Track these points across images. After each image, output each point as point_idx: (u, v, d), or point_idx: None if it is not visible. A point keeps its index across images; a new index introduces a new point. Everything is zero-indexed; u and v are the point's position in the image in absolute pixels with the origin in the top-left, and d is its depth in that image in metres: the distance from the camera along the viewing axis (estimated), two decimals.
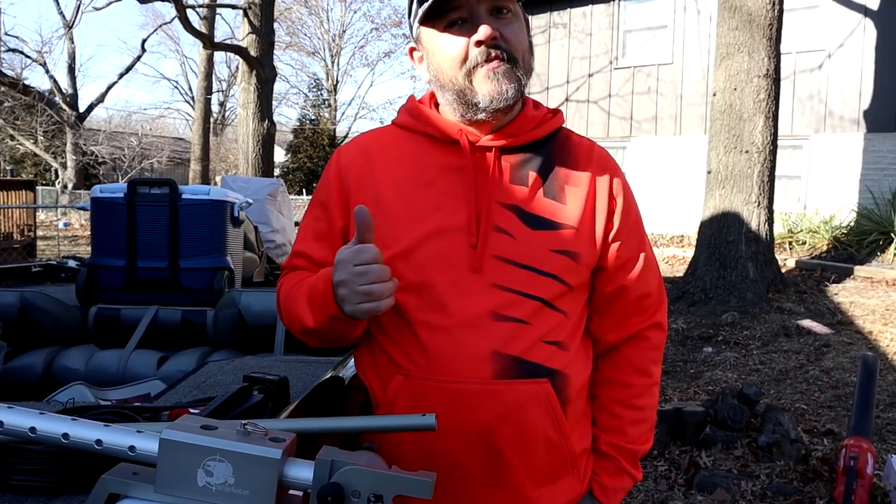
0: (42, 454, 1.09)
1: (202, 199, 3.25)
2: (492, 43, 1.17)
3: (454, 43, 1.20)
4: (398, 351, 1.21)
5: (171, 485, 0.69)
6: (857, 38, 10.17)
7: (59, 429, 0.71)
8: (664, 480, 3.54)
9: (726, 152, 7.39)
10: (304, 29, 36.55)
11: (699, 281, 7.46)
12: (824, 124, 10.54)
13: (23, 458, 1.08)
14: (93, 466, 1.10)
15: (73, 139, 24.80)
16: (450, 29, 1.20)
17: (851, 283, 7.92)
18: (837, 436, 3.96)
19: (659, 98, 12.14)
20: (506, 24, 1.19)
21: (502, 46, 1.18)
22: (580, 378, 1.27)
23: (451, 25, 1.19)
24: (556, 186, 1.25)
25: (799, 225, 10.03)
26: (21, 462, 1.07)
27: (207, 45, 16.84)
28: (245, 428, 0.71)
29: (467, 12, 1.18)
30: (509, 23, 1.20)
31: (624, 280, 1.30)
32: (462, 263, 1.18)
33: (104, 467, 1.09)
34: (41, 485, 1.08)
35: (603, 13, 12.71)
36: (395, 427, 0.95)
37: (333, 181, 1.31)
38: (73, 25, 26.41)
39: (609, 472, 1.32)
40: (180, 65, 58.49)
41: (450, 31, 1.20)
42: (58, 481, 1.08)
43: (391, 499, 0.68)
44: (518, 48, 1.20)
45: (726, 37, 7.36)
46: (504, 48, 1.18)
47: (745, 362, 5.65)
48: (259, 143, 13.53)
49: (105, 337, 3.11)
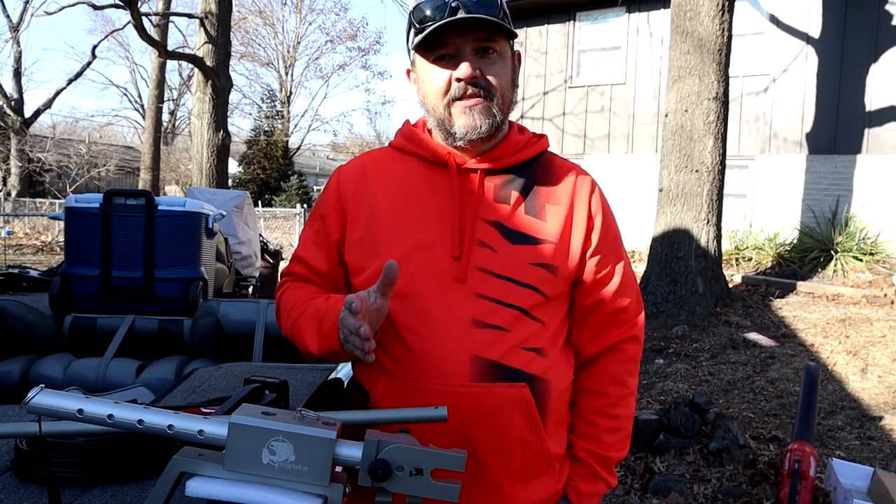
0: (75, 447, 1.17)
1: (178, 210, 3.29)
2: (471, 81, 1.28)
3: (439, 75, 1.31)
4: (385, 354, 1.30)
5: (238, 463, 0.79)
6: (799, 63, 10.59)
7: (135, 416, 0.81)
8: (621, 485, 3.66)
9: (677, 171, 7.59)
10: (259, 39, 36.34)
11: (651, 295, 7.63)
12: (769, 145, 10.92)
13: (57, 451, 1.16)
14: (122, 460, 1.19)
15: (17, 145, 24.13)
16: (438, 61, 1.30)
17: (794, 298, 8.18)
18: (782, 441, 4.14)
19: (612, 117, 12.44)
20: (489, 63, 1.30)
21: (481, 84, 1.29)
22: (560, 383, 1.35)
23: (440, 59, 1.30)
24: (537, 205, 1.35)
25: (745, 242, 10.28)
26: (56, 455, 1.15)
27: (162, 53, 16.61)
28: (301, 413, 0.82)
29: (454, 49, 1.29)
30: (493, 62, 1.30)
31: (601, 294, 1.40)
32: (446, 274, 1.28)
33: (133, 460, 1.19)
34: (75, 477, 1.15)
35: (559, 32, 12.99)
36: (409, 419, 1.06)
37: (332, 196, 1.41)
38: (19, 28, 25.78)
39: (584, 478, 1.40)
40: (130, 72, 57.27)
41: (438, 63, 1.30)
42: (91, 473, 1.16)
43: (430, 472, 0.80)
44: (497, 86, 1.31)
45: (678, 60, 7.60)
46: (482, 86, 1.29)
47: (696, 373, 5.82)
48: (214, 153, 13.40)
49: (81, 345, 3.12)
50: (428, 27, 1.27)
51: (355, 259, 1.36)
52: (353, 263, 1.36)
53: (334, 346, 1.22)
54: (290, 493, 0.78)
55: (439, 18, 1.25)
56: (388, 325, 1.28)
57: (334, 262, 1.40)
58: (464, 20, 1.25)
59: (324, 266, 1.41)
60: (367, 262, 1.33)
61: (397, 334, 1.29)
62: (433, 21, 1.26)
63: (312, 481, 0.79)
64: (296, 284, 1.45)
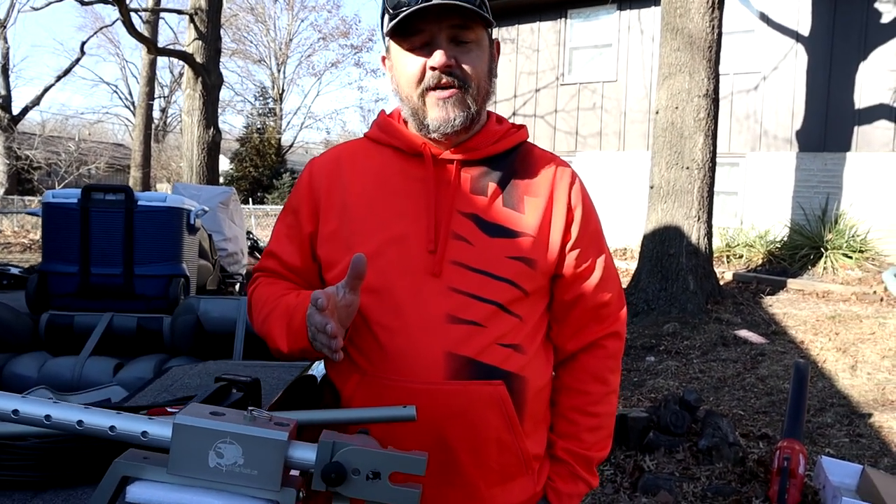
0: (28, 450, 1.12)
1: (158, 206, 3.23)
2: (445, 70, 1.23)
3: (413, 63, 1.25)
4: (357, 351, 1.26)
5: (183, 466, 0.74)
6: (789, 61, 10.59)
7: (74, 416, 0.76)
8: (610, 484, 3.64)
9: (668, 168, 7.58)
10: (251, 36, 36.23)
11: (642, 292, 7.62)
12: (760, 143, 10.92)
13: (8, 454, 1.10)
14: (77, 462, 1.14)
15: (5, 143, 23.96)
16: (413, 49, 1.25)
17: (785, 295, 8.19)
18: (772, 439, 4.12)
19: (603, 114, 12.42)
20: (465, 52, 1.25)
21: (456, 74, 1.24)
22: (538, 381, 1.31)
23: (414, 46, 1.25)
24: (515, 197, 1.30)
25: (736, 239, 10.30)
26: (7, 458, 1.10)
27: (152, 49, 16.53)
28: (251, 414, 0.77)
29: (429, 36, 1.23)
30: (469, 51, 1.25)
31: (581, 289, 1.35)
32: (421, 268, 1.24)
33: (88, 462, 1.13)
34: (27, 480, 1.10)
35: (550, 30, 12.96)
36: (377, 419, 1.01)
37: (304, 189, 1.37)
38: (6, 25, 25.58)
39: (564, 478, 1.36)
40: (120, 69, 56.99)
41: (413, 51, 1.25)
42: (43, 476, 1.11)
43: (388, 475, 0.75)
44: (473, 76, 1.25)
45: (668, 57, 7.58)
46: (457, 75, 1.24)
47: (686, 371, 5.82)
48: (204, 150, 13.34)
49: (57, 344, 3.06)
50: (402, 13, 1.21)
51: (328, 253, 1.31)
52: (325, 258, 1.32)
53: (304, 345, 1.18)
54: (238, 498, 0.73)
55: (413, 4, 1.20)
56: (360, 321, 1.24)
57: (307, 257, 1.36)
58: (438, 6, 1.19)
59: (296, 261, 1.36)
60: (339, 257, 1.28)
61: (369, 330, 1.24)
62: (407, 6, 1.21)
63: (262, 486, 0.74)
64: (268, 280, 1.40)
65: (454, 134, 1.28)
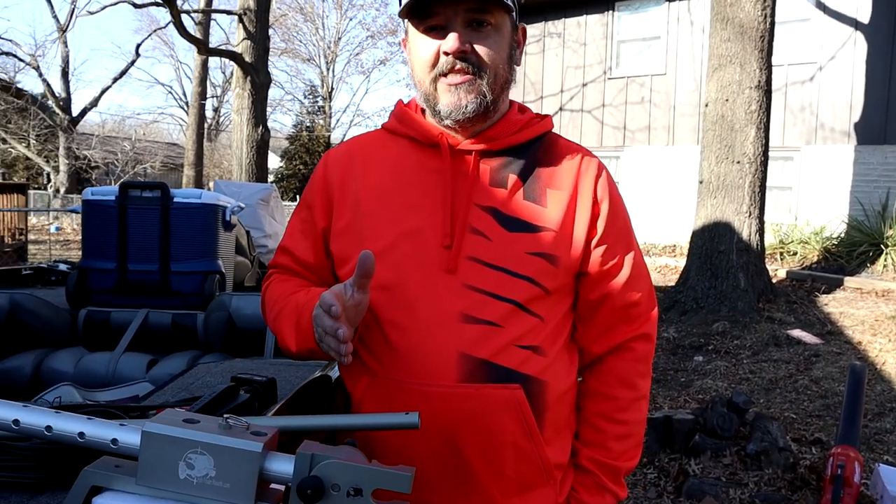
0: (26, 451, 1.09)
1: (194, 202, 3.24)
2: (459, 55, 1.16)
3: (427, 46, 1.19)
4: (367, 352, 1.21)
5: (152, 477, 0.69)
6: (847, 50, 10.24)
7: (43, 421, 0.72)
8: (653, 488, 3.55)
9: (718, 162, 7.40)
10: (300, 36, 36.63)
11: (690, 290, 7.46)
12: (815, 136, 10.59)
13: (6, 454, 1.08)
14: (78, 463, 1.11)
15: (65, 143, 24.73)
16: (428, 32, 1.19)
17: (841, 294, 7.94)
18: (825, 445, 3.97)
19: (652, 108, 12.19)
20: (482, 37, 1.18)
21: (471, 60, 1.17)
22: (560, 385, 1.23)
23: (430, 29, 1.19)
24: (538, 189, 1.23)
25: (790, 236, 10.05)
26: (5, 458, 1.07)
27: (202, 50, 16.86)
28: (227, 422, 0.71)
29: (444, 20, 1.17)
30: (486, 36, 1.18)
31: (608, 287, 1.27)
32: (435, 263, 1.18)
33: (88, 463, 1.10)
34: (25, 481, 1.07)
35: (597, 23, 12.77)
36: (378, 425, 0.95)
37: (319, 183, 1.32)
38: (66, 29, 26.36)
39: (588, 489, 1.28)
40: (175, 70, 58.46)
41: (428, 33, 1.19)
42: (42, 478, 1.08)
43: (370, 492, 0.69)
44: (489, 63, 1.18)
45: (718, 48, 7.39)
46: (472, 61, 1.17)
47: (735, 371, 5.66)
48: (253, 148, 13.53)
49: (94, 340, 3.09)
50: None
51: (340, 248, 1.26)
52: (338, 253, 1.27)
53: (311, 345, 1.13)
54: None
55: None
56: (370, 319, 1.18)
57: (321, 253, 1.31)
58: None
59: (310, 257, 1.32)
60: (352, 252, 1.22)
61: (380, 329, 1.18)
62: None
63: (235, 500, 0.68)
64: (281, 277, 1.36)
65: (470, 122, 1.21)
